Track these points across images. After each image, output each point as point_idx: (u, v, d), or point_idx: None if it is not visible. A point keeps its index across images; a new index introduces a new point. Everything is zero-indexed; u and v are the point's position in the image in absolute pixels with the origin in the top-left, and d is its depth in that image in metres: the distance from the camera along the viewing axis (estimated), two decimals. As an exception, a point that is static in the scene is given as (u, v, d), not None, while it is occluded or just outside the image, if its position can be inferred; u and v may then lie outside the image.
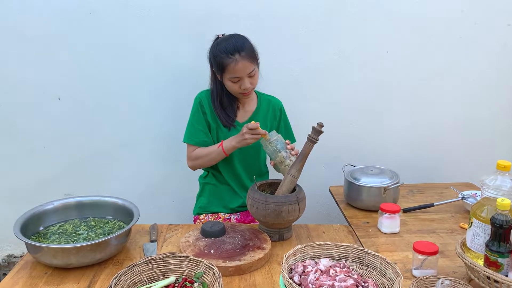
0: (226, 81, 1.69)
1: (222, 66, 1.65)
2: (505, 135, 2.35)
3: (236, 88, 1.68)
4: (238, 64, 1.62)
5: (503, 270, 1.12)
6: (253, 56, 1.68)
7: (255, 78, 1.71)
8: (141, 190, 2.23)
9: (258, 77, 1.73)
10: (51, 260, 1.30)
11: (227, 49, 1.63)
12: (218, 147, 1.71)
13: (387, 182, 1.80)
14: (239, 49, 1.63)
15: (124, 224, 1.52)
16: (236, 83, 1.67)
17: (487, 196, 1.21)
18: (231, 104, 1.78)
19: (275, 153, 1.61)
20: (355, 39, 2.15)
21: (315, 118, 1.67)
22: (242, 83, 1.66)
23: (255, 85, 1.73)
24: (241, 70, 1.63)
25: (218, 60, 1.66)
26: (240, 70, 1.63)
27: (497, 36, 2.20)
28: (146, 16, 2.04)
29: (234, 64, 1.62)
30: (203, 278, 1.18)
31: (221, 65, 1.65)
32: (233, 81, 1.67)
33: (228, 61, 1.63)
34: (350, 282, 1.09)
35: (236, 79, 1.66)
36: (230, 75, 1.65)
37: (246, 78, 1.66)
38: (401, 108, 2.27)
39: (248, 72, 1.65)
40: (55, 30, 2.02)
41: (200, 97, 1.80)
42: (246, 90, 1.68)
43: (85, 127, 2.16)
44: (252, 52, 1.68)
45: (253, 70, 1.67)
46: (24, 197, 2.07)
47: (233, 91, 1.71)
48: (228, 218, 1.86)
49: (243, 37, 1.69)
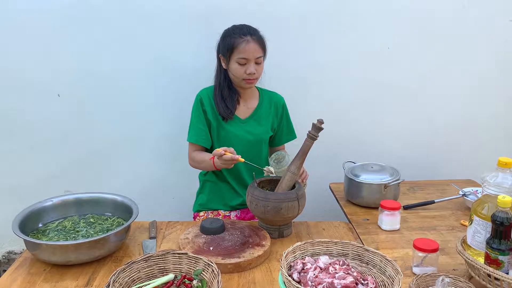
0: (233, 64, 1.68)
1: (232, 46, 1.66)
2: (506, 132, 2.34)
3: (241, 72, 1.68)
4: (249, 44, 1.64)
5: (503, 267, 1.12)
6: (263, 44, 1.71)
7: (261, 67, 1.71)
8: (141, 187, 2.23)
9: (263, 68, 1.73)
10: (50, 257, 1.30)
11: (241, 30, 1.67)
12: (210, 159, 1.67)
13: (387, 179, 1.79)
14: (251, 32, 1.67)
15: (123, 221, 1.52)
16: (243, 66, 1.67)
17: (488, 193, 1.21)
18: (231, 96, 1.77)
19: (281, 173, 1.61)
20: (356, 35, 2.14)
21: (315, 115, 1.66)
22: (248, 67, 1.67)
23: (260, 75, 1.73)
24: (250, 51, 1.65)
25: (228, 40, 1.67)
26: (249, 51, 1.65)
27: (498, 32, 2.19)
28: (147, 12, 2.02)
29: (245, 44, 1.64)
30: (202, 275, 1.18)
31: (231, 45, 1.66)
32: (240, 63, 1.67)
33: (239, 41, 1.65)
34: (349, 279, 1.08)
35: (244, 60, 1.66)
36: (239, 55, 1.65)
37: (253, 62, 1.67)
38: (402, 105, 2.26)
39: (256, 57, 1.67)
40: (55, 26, 2.01)
41: (200, 95, 1.79)
42: (251, 76, 1.68)
43: (85, 124, 2.15)
44: (262, 40, 1.71)
45: (261, 57, 1.69)
46: (24, 194, 2.06)
47: (237, 75, 1.69)
48: (228, 215, 1.85)
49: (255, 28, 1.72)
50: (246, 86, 1.74)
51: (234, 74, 1.71)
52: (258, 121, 1.81)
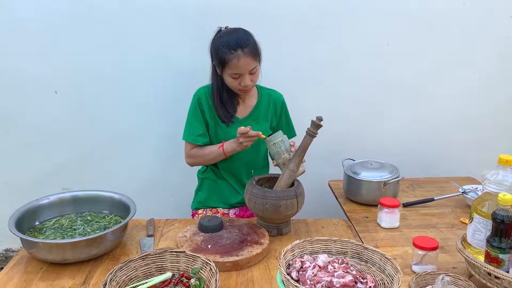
0: (226, 77, 1.64)
1: (223, 61, 1.59)
2: (507, 129, 2.33)
3: (236, 84, 1.64)
4: (240, 60, 1.57)
5: (504, 266, 1.11)
6: (256, 53, 1.62)
7: (256, 75, 1.66)
8: (139, 185, 2.22)
9: (259, 74, 1.69)
10: (46, 256, 1.29)
11: (230, 44, 1.57)
12: (219, 148, 1.68)
13: (387, 176, 1.78)
14: (242, 45, 1.57)
15: (120, 219, 1.51)
16: (236, 80, 1.62)
17: (489, 191, 1.20)
18: (230, 99, 1.73)
19: (278, 154, 1.58)
20: (355, 32, 2.13)
21: (314, 112, 1.65)
22: (243, 80, 1.61)
23: (255, 82, 1.69)
24: (242, 66, 1.58)
25: (219, 55, 1.60)
26: (241, 67, 1.58)
27: (499, 29, 2.18)
28: (145, 10, 2.01)
29: (236, 60, 1.57)
30: (200, 273, 1.17)
31: (222, 60, 1.59)
32: (233, 77, 1.62)
33: (230, 57, 1.57)
34: (348, 278, 1.07)
35: (236, 75, 1.61)
36: (231, 71, 1.60)
37: (247, 75, 1.61)
38: (401, 102, 2.25)
39: (250, 69, 1.60)
40: (53, 24, 1.99)
41: (198, 94, 1.75)
42: (246, 88, 1.64)
43: (82, 122, 2.14)
44: (255, 48, 1.62)
45: (255, 67, 1.62)
46: (22, 191, 2.06)
47: (232, 87, 1.67)
48: (226, 213, 1.84)
49: (246, 32, 1.63)
50: (243, 94, 1.71)
51: (229, 86, 1.67)
52: (256, 120, 1.79)
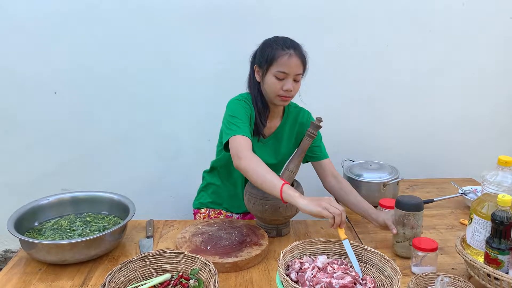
0: (269, 77, 1.53)
1: (272, 57, 1.50)
2: (506, 130, 2.33)
3: (278, 87, 1.50)
4: (291, 58, 1.49)
5: (503, 267, 1.11)
6: (305, 61, 1.54)
7: (298, 85, 1.54)
8: (139, 185, 2.22)
9: (299, 87, 1.56)
10: (45, 257, 1.29)
11: (285, 42, 1.52)
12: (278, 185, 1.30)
13: (386, 177, 1.78)
14: (295, 46, 1.51)
15: (120, 220, 1.50)
16: (280, 81, 1.51)
17: (488, 192, 1.20)
18: (264, 113, 1.59)
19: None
20: (355, 33, 2.13)
21: (314, 113, 1.65)
22: (286, 83, 1.50)
23: (295, 93, 1.57)
24: (291, 66, 1.49)
25: (269, 51, 1.52)
26: (290, 66, 1.49)
27: (498, 30, 2.18)
28: (145, 10, 2.01)
29: (287, 58, 1.49)
30: (199, 274, 1.17)
31: (272, 56, 1.50)
32: (278, 77, 1.51)
33: (281, 53, 1.50)
34: (347, 279, 1.07)
35: (282, 74, 1.50)
36: (279, 68, 1.50)
37: (291, 78, 1.51)
38: (401, 103, 2.25)
39: (296, 73, 1.50)
40: (52, 23, 1.99)
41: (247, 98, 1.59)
42: (287, 93, 1.51)
43: (82, 122, 2.14)
44: (304, 56, 1.54)
45: (300, 74, 1.54)
46: (21, 192, 2.05)
47: (273, 89, 1.52)
48: (230, 215, 1.81)
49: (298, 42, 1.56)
50: (280, 103, 1.54)
51: (269, 88, 1.53)
52: (279, 141, 1.68)
